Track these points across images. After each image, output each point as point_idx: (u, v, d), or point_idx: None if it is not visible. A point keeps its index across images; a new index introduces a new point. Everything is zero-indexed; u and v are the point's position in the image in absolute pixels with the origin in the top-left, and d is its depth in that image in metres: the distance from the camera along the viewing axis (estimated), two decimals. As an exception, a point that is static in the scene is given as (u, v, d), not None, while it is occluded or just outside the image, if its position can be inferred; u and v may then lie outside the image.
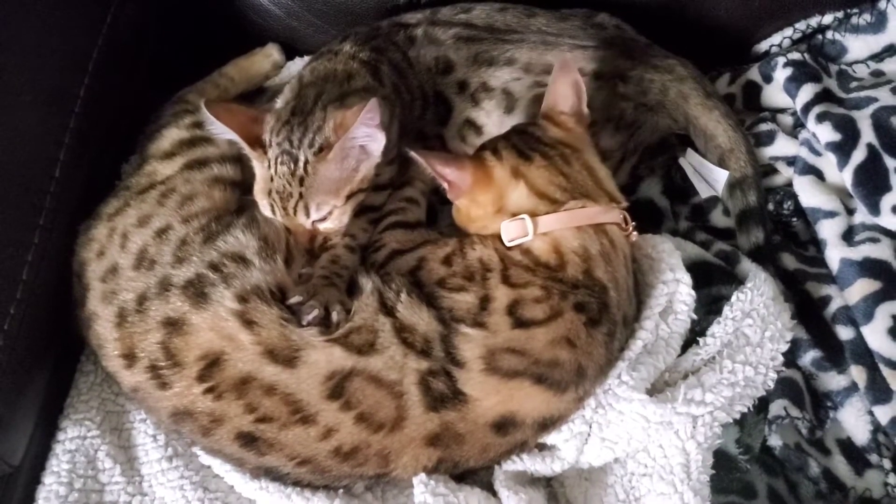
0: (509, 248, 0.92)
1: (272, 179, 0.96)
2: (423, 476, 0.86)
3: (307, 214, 0.97)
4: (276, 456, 0.86)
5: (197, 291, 0.89)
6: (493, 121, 1.13)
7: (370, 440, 0.84)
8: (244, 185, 1.04)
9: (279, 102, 1.03)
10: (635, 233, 0.96)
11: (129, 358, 0.89)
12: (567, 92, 0.98)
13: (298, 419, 0.84)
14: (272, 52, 1.28)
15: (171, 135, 1.08)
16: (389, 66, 1.12)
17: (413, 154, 0.93)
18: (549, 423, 0.88)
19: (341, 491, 0.89)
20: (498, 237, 0.93)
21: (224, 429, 0.86)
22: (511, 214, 0.93)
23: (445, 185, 0.95)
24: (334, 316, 0.89)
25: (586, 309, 0.88)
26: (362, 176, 0.99)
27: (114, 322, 0.91)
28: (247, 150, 0.97)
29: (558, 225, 0.91)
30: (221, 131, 0.96)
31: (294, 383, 0.84)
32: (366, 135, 0.95)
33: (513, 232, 0.91)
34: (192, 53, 1.30)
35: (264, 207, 0.98)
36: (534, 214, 0.91)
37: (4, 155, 0.97)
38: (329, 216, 0.98)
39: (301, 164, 0.94)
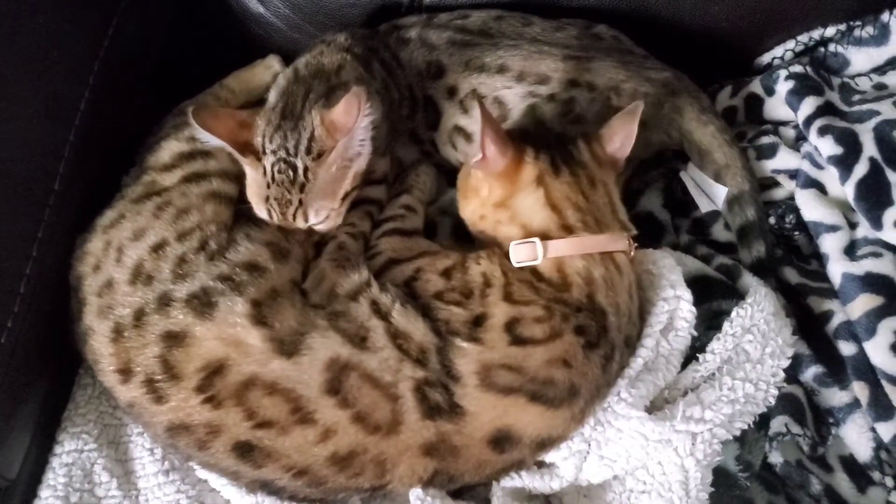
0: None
1: (269, 187, 0.96)
2: (419, 491, 0.85)
3: (306, 220, 0.98)
4: (273, 467, 0.85)
5: (203, 303, 0.88)
6: None
7: (366, 443, 0.84)
8: (241, 200, 1.03)
9: (271, 97, 1.03)
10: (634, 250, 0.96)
11: (125, 373, 0.89)
12: (618, 137, 0.99)
13: (297, 419, 0.83)
14: (273, 64, 1.27)
15: (171, 147, 1.07)
16: (380, 64, 1.12)
17: (479, 106, 0.92)
18: (546, 444, 0.88)
19: (337, 506, 0.89)
20: (504, 253, 0.93)
21: (221, 440, 0.85)
22: (516, 218, 0.95)
23: (479, 154, 0.94)
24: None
25: (586, 332, 0.88)
26: (354, 172, 1.00)
27: (110, 337, 0.90)
28: (237, 156, 0.97)
29: (568, 251, 0.91)
30: (209, 139, 0.95)
31: (296, 375, 0.84)
32: (365, 128, 0.96)
33: (522, 255, 0.92)
34: (194, 65, 1.30)
35: (260, 212, 0.99)
36: (544, 235, 0.92)
37: (4, 166, 0.96)
38: (326, 220, 1.00)
39: (301, 171, 0.95)
